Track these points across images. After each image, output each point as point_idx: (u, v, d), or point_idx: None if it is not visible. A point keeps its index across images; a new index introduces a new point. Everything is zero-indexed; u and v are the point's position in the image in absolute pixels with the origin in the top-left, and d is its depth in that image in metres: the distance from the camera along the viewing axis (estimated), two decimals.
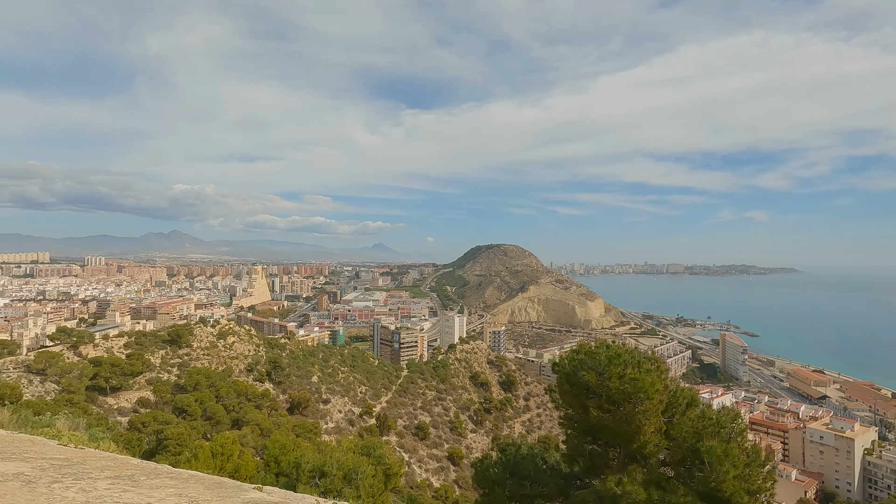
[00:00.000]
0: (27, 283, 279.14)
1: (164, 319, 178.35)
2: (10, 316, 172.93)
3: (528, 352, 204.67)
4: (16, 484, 1.98)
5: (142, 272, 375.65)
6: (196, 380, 54.91)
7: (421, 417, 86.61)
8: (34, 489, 2.02)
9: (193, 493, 2.34)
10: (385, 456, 17.79)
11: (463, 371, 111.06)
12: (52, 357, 50.93)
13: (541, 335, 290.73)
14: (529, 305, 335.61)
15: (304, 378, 78.52)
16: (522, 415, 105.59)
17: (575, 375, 8.75)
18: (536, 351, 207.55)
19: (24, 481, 2.08)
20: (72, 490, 2.03)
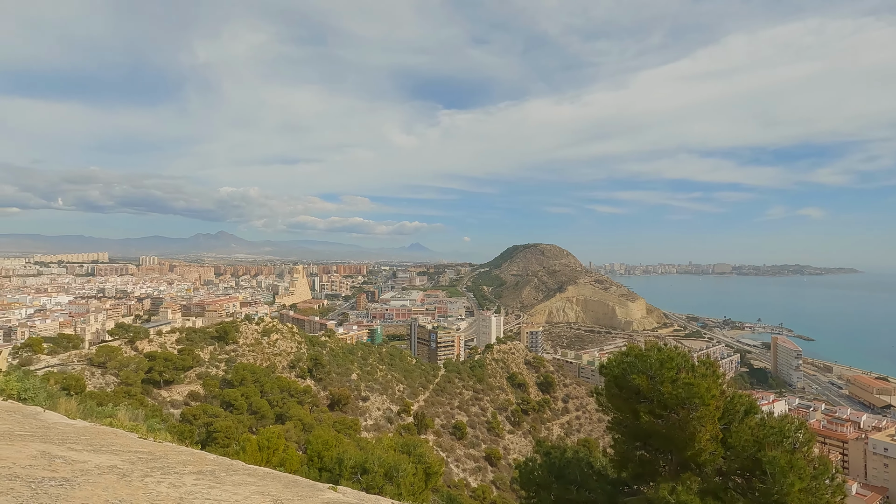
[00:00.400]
0: (88, 282, 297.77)
1: (211, 317, 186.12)
2: (74, 312, 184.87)
3: (567, 353, 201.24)
4: (112, 477, 2.06)
5: (191, 271, 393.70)
6: (242, 375, 56.95)
7: (458, 417, 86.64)
8: (130, 483, 2.09)
9: (274, 491, 2.37)
10: (425, 455, 17.84)
11: (500, 371, 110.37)
12: (111, 351, 54.06)
13: (579, 336, 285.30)
14: (568, 306, 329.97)
15: (344, 375, 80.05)
16: (561, 417, 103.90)
17: (624, 379, 8.45)
18: (575, 352, 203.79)
19: (119, 474, 2.16)
20: (163, 485, 2.08)
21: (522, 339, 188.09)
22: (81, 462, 2.23)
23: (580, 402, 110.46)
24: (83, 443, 2.29)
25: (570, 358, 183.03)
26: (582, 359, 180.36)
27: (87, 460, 2.32)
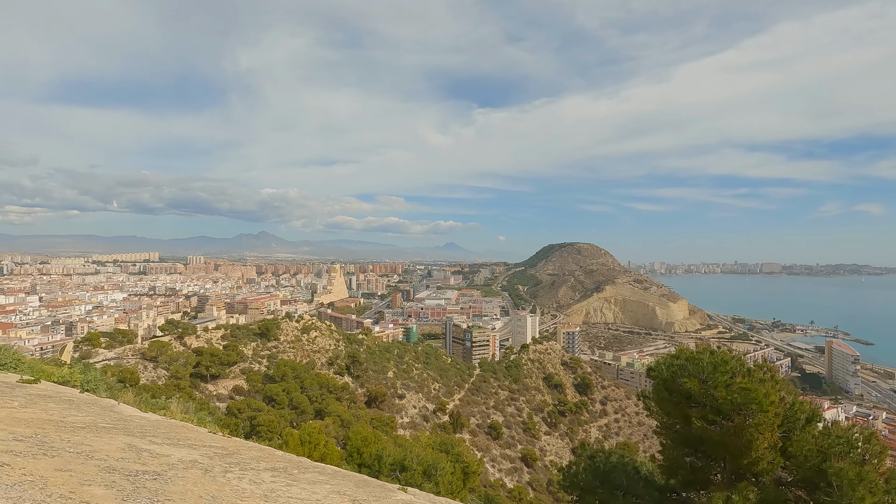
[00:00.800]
0: (140, 280, 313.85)
1: (254, 314, 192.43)
2: (127, 309, 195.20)
3: (605, 354, 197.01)
4: (197, 472, 2.12)
5: (234, 270, 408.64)
6: (283, 371, 58.60)
7: (493, 417, 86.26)
8: (214, 478, 2.14)
9: (349, 491, 2.39)
10: (463, 454, 17.80)
11: (536, 372, 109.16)
12: (162, 346, 56.76)
13: (618, 337, 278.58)
14: (605, 306, 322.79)
15: (381, 373, 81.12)
16: (599, 419, 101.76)
17: (674, 382, 8.11)
18: (613, 353, 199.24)
19: (202, 469, 2.22)
20: (244, 481, 2.12)
21: (559, 339, 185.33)
22: (165, 456, 2.30)
23: (619, 404, 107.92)
24: (161, 436, 2.36)
25: (608, 359, 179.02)
26: (621, 360, 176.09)
27: (169, 454, 2.40)
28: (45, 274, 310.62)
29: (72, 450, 1.96)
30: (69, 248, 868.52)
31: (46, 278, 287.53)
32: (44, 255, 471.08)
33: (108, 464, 1.89)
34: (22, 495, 1.76)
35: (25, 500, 1.74)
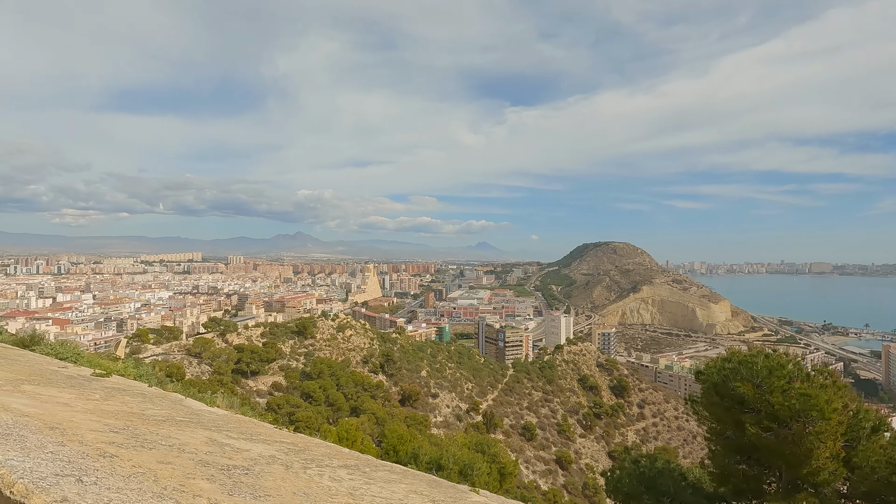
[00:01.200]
0: (185, 279, 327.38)
1: (291, 312, 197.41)
2: (173, 306, 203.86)
3: (642, 356, 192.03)
4: (280, 468, 2.16)
5: (272, 270, 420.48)
6: (320, 368, 59.84)
7: (527, 418, 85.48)
8: (297, 475, 2.17)
9: (425, 491, 2.38)
10: (499, 454, 17.67)
11: (571, 373, 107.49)
12: (205, 343, 59.00)
13: (655, 339, 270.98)
14: (642, 307, 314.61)
15: (414, 372, 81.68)
16: (636, 423, 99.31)
17: (725, 386, 7.76)
18: (651, 355, 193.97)
19: (283, 465, 2.26)
20: (325, 478, 2.13)
21: (594, 340, 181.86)
22: (245, 451, 2.35)
23: (657, 408, 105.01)
24: (234, 431, 2.41)
25: (645, 361, 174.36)
26: (659, 363, 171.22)
27: (248, 449, 2.45)
28: (98, 273, 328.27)
29: (164, 443, 2.03)
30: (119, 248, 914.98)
31: (99, 277, 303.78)
32: (97, 255, 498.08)
33: (200, 457, 1.90)
34: (141, 486, 1.83)
35: (145, 491, 1.82)
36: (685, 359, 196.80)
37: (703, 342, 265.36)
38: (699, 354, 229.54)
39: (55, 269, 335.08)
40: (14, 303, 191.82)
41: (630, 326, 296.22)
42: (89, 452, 1.77)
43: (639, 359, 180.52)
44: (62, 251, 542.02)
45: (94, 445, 1.79)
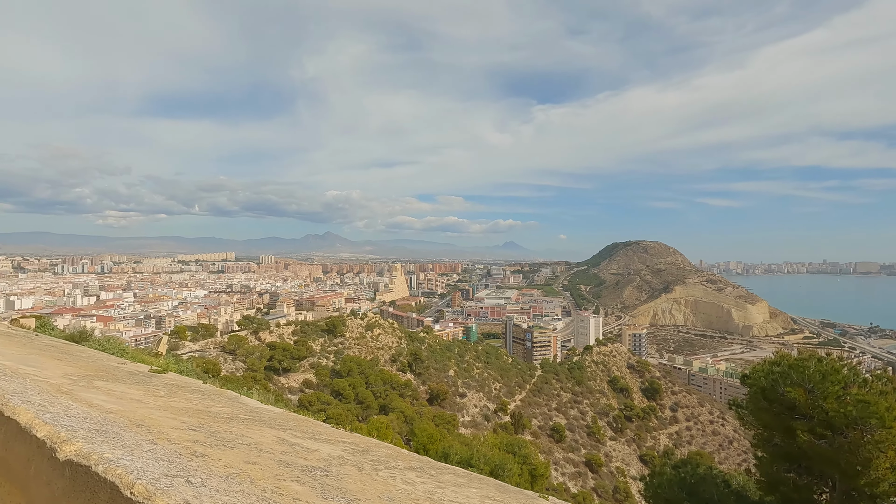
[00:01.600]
0: (219, 278, 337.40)
1: (320, 311, 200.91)
2: (208, 304, 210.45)
3: (674, 358, 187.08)
4: (353, 469, 2.12)
5: (302, 269, 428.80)
6: (349, 367, 60.63)
7: (556, 419, 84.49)
8: (371, 477, 2.12)
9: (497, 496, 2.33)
10: (530, 456, 17.47)
11: (601, 374, 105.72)
12: (239, 340, 60.61)
13: (688, 340, 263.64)
14: (675, 307, 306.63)
15: (442, 371, 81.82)
16: (669, 426, 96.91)
17: (774, 391, 7.40)
18: (684, 357, 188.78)
19: (355, 466, 2.22)
20: (398, 481, 2.09)
21: (624, 341, 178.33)
22: (315, 451, 2.34)
23: (691, 411, 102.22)
24: (296, 430, 2.41)
25: (678, 363, 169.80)
26: (692, 365, 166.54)
27: (317, 449, 2.44)
28: (138, 272, 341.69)
29: (241, 442, 2.02)
30: (158, 248, 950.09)
31: (139, 276, 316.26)
32: (137, 255, 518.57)
33: (279, 457, 1.88)
34: (243, 488, 1.81)
35: (248, 493, 1.79)
36: (720, 361, 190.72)
37: (739, 344, 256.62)
38: (735, 357, 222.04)
39: (99, 268, 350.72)
40: (62, 300, 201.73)
41: (662, 327, 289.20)
42: (181, 451, 1.75)
43: (671, 361, 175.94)
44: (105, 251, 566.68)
45: (182, 444, 1.78)
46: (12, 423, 2.19)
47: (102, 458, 1.74)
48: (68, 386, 2.48)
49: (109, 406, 2.18)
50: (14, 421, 2.18)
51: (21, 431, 2.14)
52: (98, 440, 1.88)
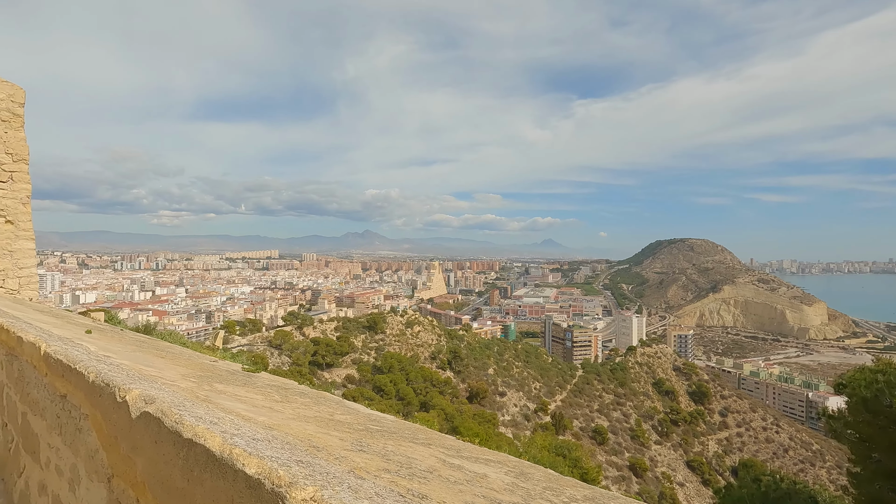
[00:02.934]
0: (264, 275, 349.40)
1: (360, 307, 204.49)
2: (254, 300, 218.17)
3: (723, 360, 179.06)
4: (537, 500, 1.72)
5: (342, 266, 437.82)
6: (390, 363, 61.29)
7: (598, 421, 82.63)
8: (524, 488, 1.79)
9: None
10: (581, 459, 16.90)
11: (644, 376, 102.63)
12: (285, 335, 62.36)
13: (738, 342, 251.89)
14: (723, 308, 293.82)
15: (481, 370, 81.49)
16: (718, 432, 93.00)
17: (878, 402, 6.73)
18: (734, 360, 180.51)
19: (526, 496, 1.84)
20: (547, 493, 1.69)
21: (669, 342, 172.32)
22: (483, 475, 2.03)
23: (742, 417, 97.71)
24: (438, 444, 2.13)
25: (727, 367, 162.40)
26: (743, 368, 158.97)
27: (484, 473, 2.13)
28: (190, 269, 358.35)
29: (399, 460, 1.71)
30: (207, 246, 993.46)
31: (190, 273, 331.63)
32: (188, 252, 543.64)
33: (469, 490, 1.65)
34: None
35: None
36: (773, 365, 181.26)
37: (794, 347, 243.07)
38: (790, 361, 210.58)
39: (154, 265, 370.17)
40: (121, 295, 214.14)
41: (709, 329, 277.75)
42: (395, 489, 1.42)
43: (719, 363, 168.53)
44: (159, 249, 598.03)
45: (381, 476, 1.49)
46: (197, 447, 1.65)
47: None
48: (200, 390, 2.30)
49: (259, 418, 1.91)
50: (200, 445, 1.64)
51: (215, 461, 1.56)
52: (319, 480, 1.43)
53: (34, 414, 2.95)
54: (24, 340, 2.96)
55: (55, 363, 2.66)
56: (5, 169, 8.25)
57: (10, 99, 8.34)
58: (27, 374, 3.05)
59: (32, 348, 2.90)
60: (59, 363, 2.66)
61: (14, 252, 8.15)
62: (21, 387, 3.15)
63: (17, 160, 8.34)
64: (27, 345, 2.94)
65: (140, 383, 2.23)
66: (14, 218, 8.21)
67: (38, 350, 2.83)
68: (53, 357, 2.70)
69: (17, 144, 8.30)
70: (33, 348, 2.88)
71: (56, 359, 2.68)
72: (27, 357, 2.98)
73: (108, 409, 2.25)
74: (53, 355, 2.71)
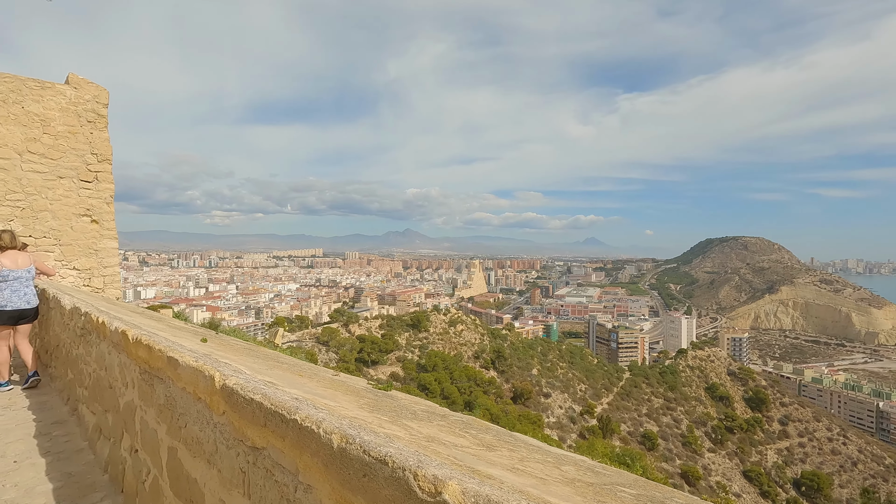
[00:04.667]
0: (309, 272, 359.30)
1: (402, 305, 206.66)
2: (299, 297, 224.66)
3: (781, 365, 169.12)
4: None
5: (384, 265, 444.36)
6: (434, 361, 61.45)
7: (647, 425, 79.96)
8: None
9: None
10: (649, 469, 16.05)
11: (696, 380, 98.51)
12: (332, 332, 63.65)
13: (798, 347, 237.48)
14: (781, 310, 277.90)
15: (525, 370, 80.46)
16: (777, 441, 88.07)
17: None
18: (794, 366, 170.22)
19: None
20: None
21: (722, 345, 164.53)
22: None
23: (805, 426, 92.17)
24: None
25: (786, 372, 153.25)
26: (804, 374, 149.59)
27: None
28: (240, 267, 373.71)
29: None
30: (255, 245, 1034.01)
31: (241, 270, 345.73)
32: (238, 251, 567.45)
33: None
34: None
35: None
36: (838, 371, 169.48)
37: (861, 353, 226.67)
38: (856, 367, 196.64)
39: (207, 262, 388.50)
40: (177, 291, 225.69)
41: (765, 332, 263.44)
42: None
43: (777, 368, 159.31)
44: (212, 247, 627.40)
45: None
46: None
47: None
48: (419, 438, 1.49)
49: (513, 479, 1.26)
50: None
51: None
52: None
53: (194, 455, 2.19)
54: (182, 364, 2.21)
55: (245, 404, 1.85)
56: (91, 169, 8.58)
57: (95, 100, 8.69)
58: (182, 405, 2.31)
59: (198, 376, 2.12)
60: (253, 405, 1.77)
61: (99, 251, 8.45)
62: (170, 417, 2.43)
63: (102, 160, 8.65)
64: (187, 370, 2.21)
65: (441, 469, 1.26)
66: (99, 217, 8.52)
67: (211, 381, 2.02)
68: (242, 395, 1.84)
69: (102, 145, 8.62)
70: (200, 377, 2.10)
71: (248, 398, 1.81)
72: (184, 384, 2.26)
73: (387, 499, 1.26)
74: (242, 393, 1.84)
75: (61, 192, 8.25)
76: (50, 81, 8.22)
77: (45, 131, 8.15)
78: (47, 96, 8.17)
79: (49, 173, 8.17)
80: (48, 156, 8.20)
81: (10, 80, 7.90)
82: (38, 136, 8.07)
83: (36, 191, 8.04)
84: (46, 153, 8.20)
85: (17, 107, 7.84)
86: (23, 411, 5.29)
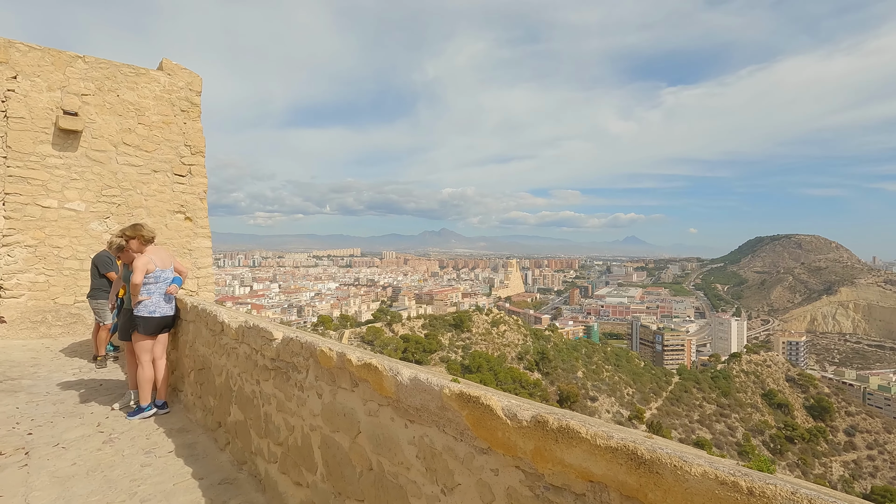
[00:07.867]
0: (347, 272, 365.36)
1: (439, 304, 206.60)
2: (339, 296, 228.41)
3: (843, 372, 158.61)
4: None
5: (420, 264, 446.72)
6: (479, 363, 60.58)
7: (699, 433, 76.42)
8: None
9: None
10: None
11: (752, 386, 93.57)
12: (376, 331, 63.83)
13: (859, 352, 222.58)
14: (840, 312, 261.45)
15: (570, 372, 78.47)
16: (843, 454, 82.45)
17: None
18: (857, 372, 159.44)
19: None
20: None
21: (777, 349, 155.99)
22: None
23: (874, 438, 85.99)
24: None
25: (849, 379, 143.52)
26: (869, 381, 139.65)
27: None
28: (282, 266, 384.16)
29: None
30: (296, 245, 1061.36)
31: (282, 270, 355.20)
32: (280, 251, 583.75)
33: None
34: None
35: None
36: None
37: None
38: None
39: (251, 262, 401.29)
40: (224, 290, 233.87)
41: (823, 335, 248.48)
42: None
43: (839, 375, 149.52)
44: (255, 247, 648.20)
45: None
46: None
47: None
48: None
49: None
50: None
51: None
52: None
53: None
54: (503, 418, 1.53)
55: None
56: (185, 162, 8.17)
57: (188, 87, 8.26)
58: None
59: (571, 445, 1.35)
60: None
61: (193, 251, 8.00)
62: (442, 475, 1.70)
63: (195, 153, 8.22)
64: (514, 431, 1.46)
65: None
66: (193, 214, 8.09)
67: None
68: None
69: (195, 136, 8.19)
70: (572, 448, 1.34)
71: None
72: (505, 448, 1.50)
73: None
74: None
75: (156, 186, 7.85)
76: (144, 68, 7.82)
77: (140, 121, 7.76)
78: (142, 83, 7.76)
79: (144, 167, 7.77)
80: (143, 147, 7.80)
81: (106, 66, 7.53)
82: (133, 127, 7.69)
83: (131, 185, 7.64)
84: (141, 145, 7.81)
85: (112, 95, 7.47)
86: (172, 458, 4.02)
